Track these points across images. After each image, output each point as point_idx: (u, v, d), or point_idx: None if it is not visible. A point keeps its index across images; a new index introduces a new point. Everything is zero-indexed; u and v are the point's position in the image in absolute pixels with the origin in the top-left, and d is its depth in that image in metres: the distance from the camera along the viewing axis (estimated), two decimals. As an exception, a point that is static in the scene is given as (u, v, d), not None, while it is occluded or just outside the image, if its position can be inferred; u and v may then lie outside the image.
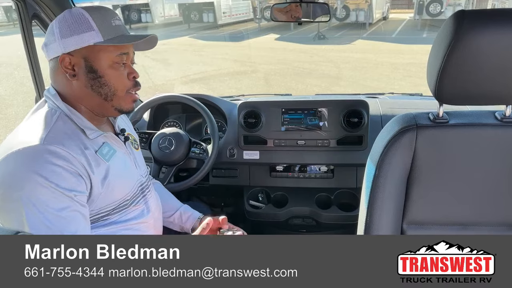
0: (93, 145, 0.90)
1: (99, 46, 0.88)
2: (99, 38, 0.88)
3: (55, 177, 0.80)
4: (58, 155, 0.81)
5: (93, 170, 0.87)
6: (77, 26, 0.87)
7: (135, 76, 0.95)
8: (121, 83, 0.92)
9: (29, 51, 1.35)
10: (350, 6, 13.00)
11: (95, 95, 0.91)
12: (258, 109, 1.60)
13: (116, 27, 0.91)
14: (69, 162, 0.82)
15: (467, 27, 0.74)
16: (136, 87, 0.95)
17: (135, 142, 1.10)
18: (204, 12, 14.01)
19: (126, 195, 0.96)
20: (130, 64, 0.95)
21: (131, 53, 0.95)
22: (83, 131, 0.89)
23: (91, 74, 0.89)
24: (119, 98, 0.93)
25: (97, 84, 0.90)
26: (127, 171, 0.98)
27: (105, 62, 0.89)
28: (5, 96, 6.04)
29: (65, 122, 0.88)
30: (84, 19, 0.88)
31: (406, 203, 0.91)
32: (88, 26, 0.87)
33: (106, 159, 0.91)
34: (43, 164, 0.79)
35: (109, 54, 0.89)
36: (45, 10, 1.33)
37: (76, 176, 0.83)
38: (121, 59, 0.91)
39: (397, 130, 0.88)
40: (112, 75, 0.91)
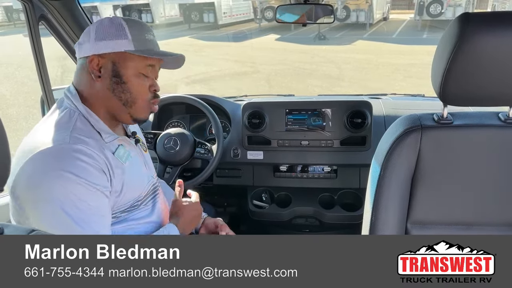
0: (110, 147, 0.92)
1: (129, 55, 0.92)
2: (131, 47, 0.91)
3: (85, 173, 0.83)
4: (84, 152, 0.84)
5: (113, 170, 0.90)
6: (114, 32, 0.91)
7: (156, 89, 0.98)
8: (141, 93, 0.95)
9: (36, 52, 1.36)
10: (350, 7, 12.99)
11: (115, 99, 0.93)
12: (262, 109, 1.61)
13: (148, 41, 0.95)
14: (94, 159, 0.85)
15: (472, 30, 0.75)
16: (155, 99, 0.98)
17: (143, 145, 1.12)
18: (204, 12, 14.00)
19: (139, 195, 0.99)
20: (153, 77, 0.98)
21: (157, 67, 0.98)
22: (99, 133, 0.92)
23: (115, 78, 0.92)
24: (138, 106, 0.95)
25: (119, 88, 0.93)
26: (140, 173, 1.01)
27: (131, 70, 0.93)
28: (7, 96, 6.04)
29: (83, 123, 0.91)
30: (122, 27, 0.92)
31: (411, 203, 0.92)
32: (124, 34, 0.91)
33: (123, 160, 0.94)
34: (71, 162, 0.82)
35: (137, 64, 0.93)
36: (52, 11, 1.34)
37: (101, 172, 0.87)
38: (146, 71, 0.94)
39: (402, 131, 0.89)
40: (135, 83, 0.94)
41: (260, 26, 13.61)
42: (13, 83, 6.71)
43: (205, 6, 13.83)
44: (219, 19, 13.82)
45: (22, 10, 1.34)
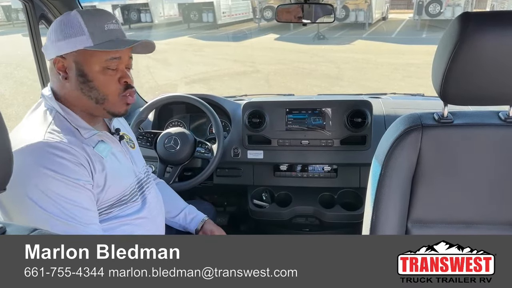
0: (89, 143, 0.92)
1: (90, 51, 0.88)
2: (89, 43, 0.87)
3: (63, 168, 0.82)
4: (60, 148, 0.83)
5: (94, 164, 0.90)
6: (70, 30, 0.88)
7: (127, 81, 0.93)
8: (110, 89, 0.92)
9: (37, 51, 1.36)
10: (349, 6, 12.98)
11: (85, 98, 0.91)
12: (262, 109, 1.61)
13: (108, 32, 0.90)
14: (72, 155, 0.85)
15: (472, 29, 0.75)
16: (128, 90, 0.94)
17: (130, 141, 1.11)
18: (203, 12, 13.98)
19: (124, 190, 0.98)
20: (123, 68, 0.93)
21: (125, 57, 0.93)
22: (77, 130, 0.91)
23: (81, 77, 0.90)
24: (110, 102, 0.93)
25: (87, 87, 0.90)
26: (123, 168, 1.00)
27: (95, 67, 0.89)
28: (6, 95, 6.03)
29: (61, 121, 0.90)
30: (77, 23, 0.88)
31: (411, 202, 0.93)
32: (80, 30, 0.88)
33: (103, 155, 0.93)
34: (48, 158, 0.82)
35: (99, 59, 0.89)
36: (53, 10, 1.34)
37: (80, 167, 0.86)
38: (111, 64, 0.90)
39: (402, 130, 0.89)
40: (101, 80, 0.90)
41: (259, 26, 13.60)
42: (12, 82, 6.70)
43: (204, 5, 13.81)
44: (218, 18, 13.81)
45: (21, 9, 1.35)
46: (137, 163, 1.09)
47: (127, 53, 0.93)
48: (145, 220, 1.02)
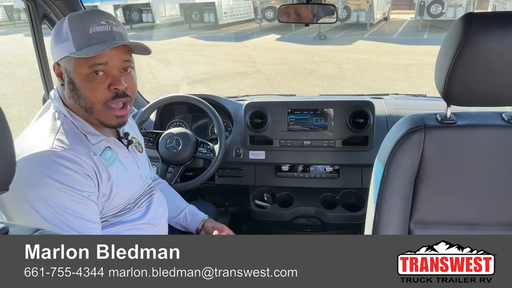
0: (96, 150, 0.90)
1: (74, 58, 0.84)
2: (72, 49, 0.83)
3: (69, 179, 0.81)
4: (68, 159, 0.82)
5: (100, 173, 0.88)
6: (59, 36, 0.86)
7: (117, 87, 0.86)
8: (96, 96, 0.85)
9: (39, 51, 1.37)
10: (351, 7, 12.98)
11: (78, 106, 0.88)
12: (264, 109, 1.61)
13: (92, 35, 0.83)
14: (79, 165, 0.83)
15: (475, 30, 0.75)
16: (117, 99, 0.87)
17: (139, 146, 1.10)
18: (205, 12, 13.99)
19: (129, 198, 0.97)
20: (115, 73, 0.86)
21: (115, 61, 0.85)
22: (85, 135, 0.89)
23: (70, 85, 0.87)
24: (97, 111, 0.87)
25: (75, 96, 0.87)
26: (129, 175, 0.98)
27: (81, 74, 0.84)
28: (8, 95, 6.05)
29: (69, 125, 0.88)
30: (64, 29, 0.84)
31: (414, 203, 0.92)
32: (66, 36, 0.84)
33: (109, 163, 0.91)
34: (55, 168, 0.80)
35: (83, 65, 0.83)
36: (55, 10, 1.34)
37: (87, 178, 0.85)
38: (96, 70, 0.84)
39: (405, 131, 0.89)
40: (86, 88, 0.85)
41: (260, 26, 13.60)
42: (14, 82, 6.71)
43: (206, 6, 13.82)
44: (219, 19, 13.82)
45: (22, 9, 1.35)
46: (144, 168, 1.07)
47: (118, 56, 0.86)
48: (149, 224, 1.02)
